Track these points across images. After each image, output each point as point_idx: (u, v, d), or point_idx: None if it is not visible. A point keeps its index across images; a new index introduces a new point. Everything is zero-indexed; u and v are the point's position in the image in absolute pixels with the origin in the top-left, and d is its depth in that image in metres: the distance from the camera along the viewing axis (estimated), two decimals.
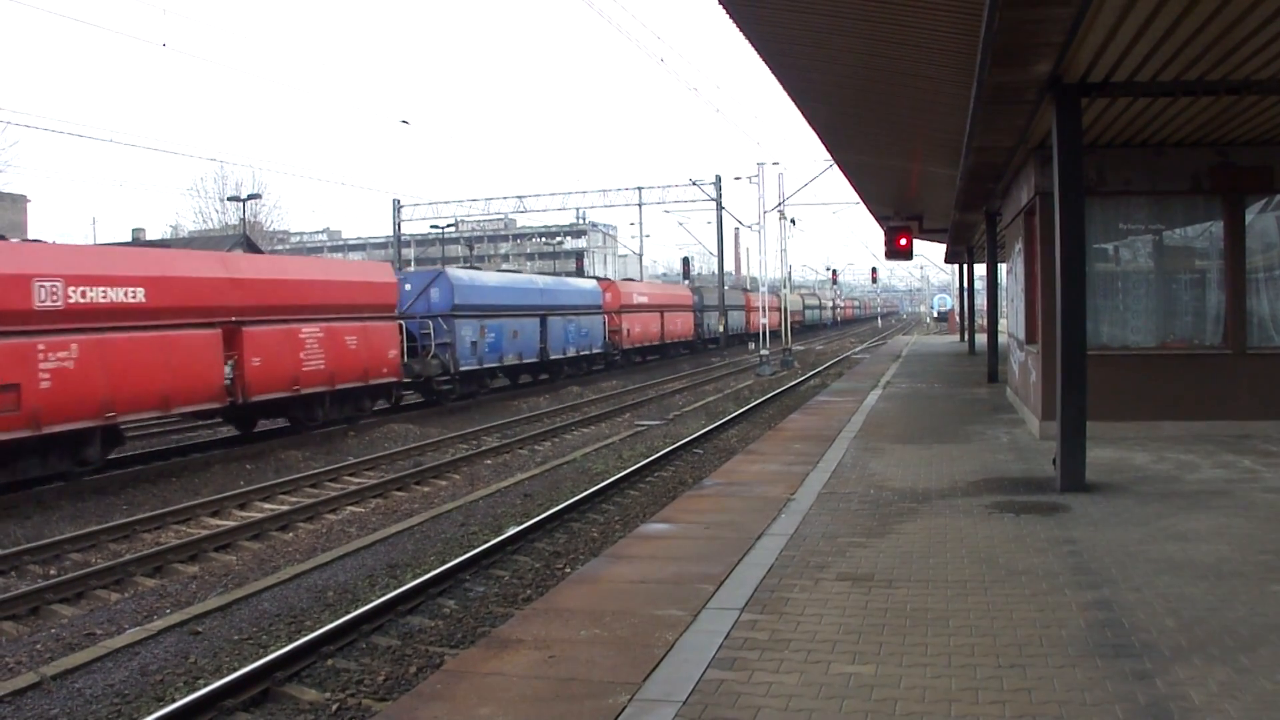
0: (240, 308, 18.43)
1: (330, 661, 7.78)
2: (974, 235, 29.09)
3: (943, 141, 13.67)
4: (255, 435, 20.93)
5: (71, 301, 14.95)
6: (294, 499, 14.98)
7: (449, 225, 67.04)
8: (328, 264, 35.63)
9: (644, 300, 45.95)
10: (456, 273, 29.34)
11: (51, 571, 11.20)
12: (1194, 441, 12.44)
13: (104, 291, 15.53)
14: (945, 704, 4.77)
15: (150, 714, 6.68)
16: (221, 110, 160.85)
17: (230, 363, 18.20)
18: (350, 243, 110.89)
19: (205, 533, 12.66)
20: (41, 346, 14.43)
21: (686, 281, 61.68)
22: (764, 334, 42.21)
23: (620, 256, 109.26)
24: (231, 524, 13.15)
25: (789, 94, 12.40)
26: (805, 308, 62.97)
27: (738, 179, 49.90)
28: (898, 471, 11.29)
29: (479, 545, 11.05)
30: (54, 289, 14.67)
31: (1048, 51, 7.88)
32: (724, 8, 8.70)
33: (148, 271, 16.63)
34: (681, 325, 51.54)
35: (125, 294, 15.94)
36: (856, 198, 27.10)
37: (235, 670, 7.44)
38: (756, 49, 10.26)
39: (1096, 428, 10.66)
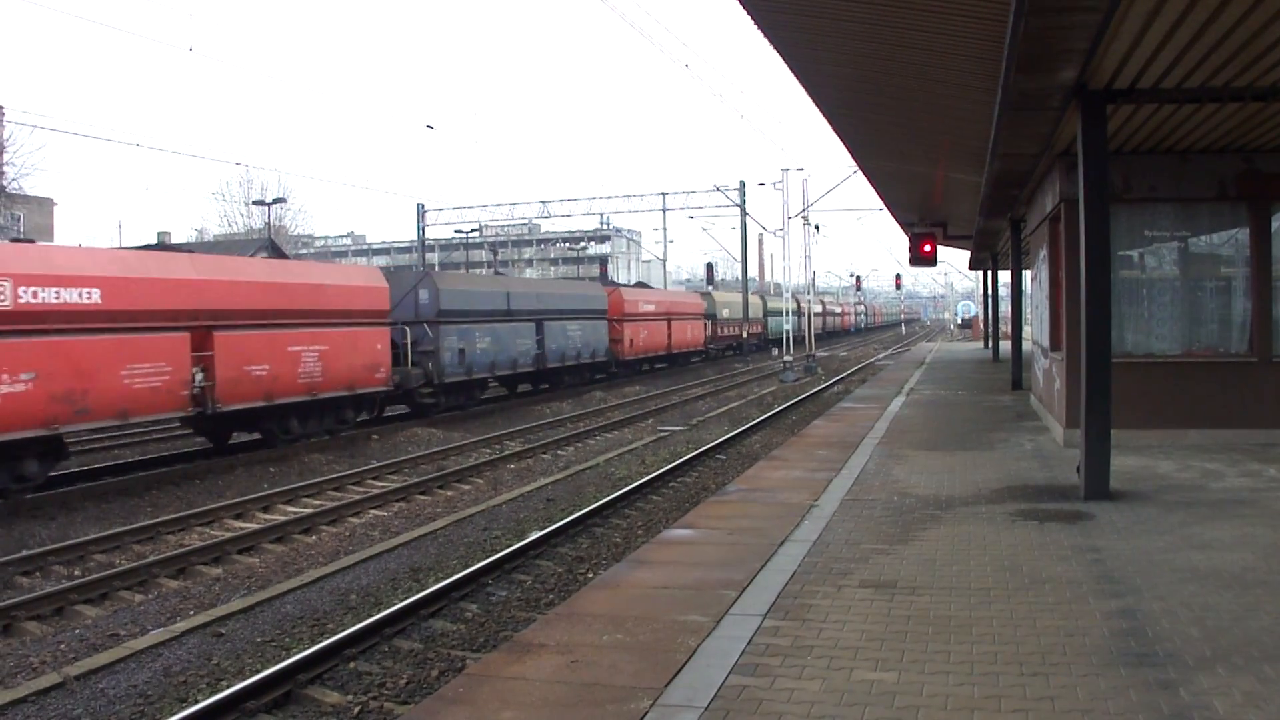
0: None
1: (353, 664, 7.82)
2: (998, 242, 28.93)
3: (968, 148, 13.62)
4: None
5: None
6: (317, 502, 15.07)
7: (473, 230, 67.22)
8: None
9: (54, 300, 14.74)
10: None
11: (76, 572, 11.32)
12: (1219, 450, 12.33)
13: None
14: (968, 712, 4.76)
15: (173, 715, 6.74)
16: (247, 114, 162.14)
17: None
18: (374, 247, 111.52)
19: (229, 535, 12.75)
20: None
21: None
22: (787, 341, 42.50)
23: (644, 262, 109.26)
24: (255, 526, 13.25)
25: (813, 100, 12.40)
26: (767, 314, 48.65)
27: (762, 185, 49.92)
28: (921, 478, 11.25)
29: (502, 549, 11.09)
30: None
31: (1073, 58, 7.85)
32: (749, 14, 8.71)
33: None
34: (340, 361, 20.63)
35: None
36: (881, 204, 27.01)
37: (258, 672, 7.50)
38: (781, 55, 10.25)
39: (1121, 435, 10.57)
